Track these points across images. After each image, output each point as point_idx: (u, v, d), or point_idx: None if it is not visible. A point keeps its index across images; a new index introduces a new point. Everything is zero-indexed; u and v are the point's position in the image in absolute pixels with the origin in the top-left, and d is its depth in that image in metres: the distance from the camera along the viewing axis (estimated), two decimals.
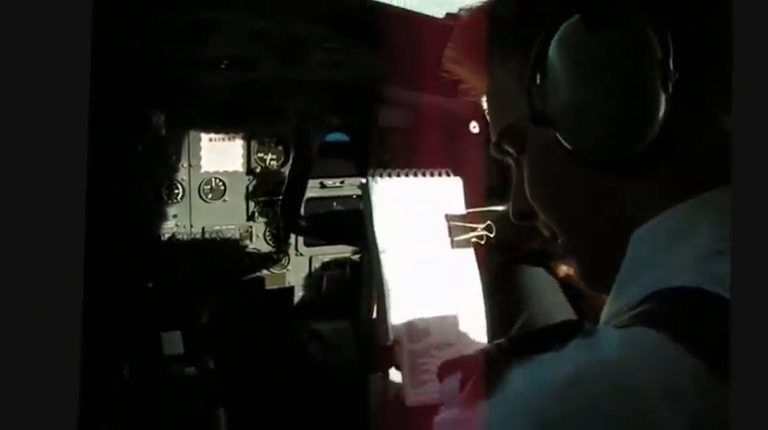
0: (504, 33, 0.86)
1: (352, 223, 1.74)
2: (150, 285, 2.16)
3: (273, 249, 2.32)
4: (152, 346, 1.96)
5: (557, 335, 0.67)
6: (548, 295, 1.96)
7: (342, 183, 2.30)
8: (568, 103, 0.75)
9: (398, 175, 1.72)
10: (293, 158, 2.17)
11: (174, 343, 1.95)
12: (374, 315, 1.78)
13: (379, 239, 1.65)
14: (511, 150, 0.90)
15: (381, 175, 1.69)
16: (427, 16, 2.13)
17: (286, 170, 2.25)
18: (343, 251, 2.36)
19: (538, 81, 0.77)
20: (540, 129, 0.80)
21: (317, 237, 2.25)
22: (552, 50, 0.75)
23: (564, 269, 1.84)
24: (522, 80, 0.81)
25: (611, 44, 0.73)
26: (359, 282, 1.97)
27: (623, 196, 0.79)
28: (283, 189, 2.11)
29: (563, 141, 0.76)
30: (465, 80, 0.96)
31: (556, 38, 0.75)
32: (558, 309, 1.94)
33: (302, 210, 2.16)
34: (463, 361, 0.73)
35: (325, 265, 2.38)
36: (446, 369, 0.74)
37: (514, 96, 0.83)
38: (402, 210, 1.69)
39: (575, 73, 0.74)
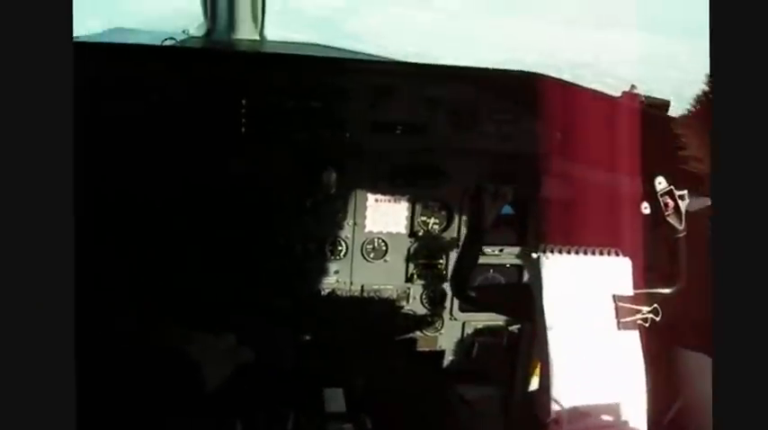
0: None
1: (519, 297, 1.75)
2: (308, 338, 2.23)
3: (429, 312, 2.36)
4: (315, 402, 2.01)
5: None
6: (707, 383, 1.90)
7: (500, 251, 2.31)
8: None
9: (568, 253, 1.72)
10: (468, 229, 2.18)
11: (336, 400, 2.00)
12: (532, 388, 1.78)
13: (547, 315, 1.65)
14: None
15: (552, 251, 1.70)
16: (600, 93, 2.13)
17: (447, 235, 2.29)
18: (495, 319, 2.37)
19: None
20: None
21: (484, 308, 2.25)
22: None
23: None
24: None
25: None
26: (513, 352, 1.97)
27: None
28: (456, 258, 2.13)
29: None
30: (692, 149, 0.89)
31: None
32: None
33: None
34: None
35: (478, 332, 2.40)
36: None
37: None
38: (570, 288, 1.69)
39: None
